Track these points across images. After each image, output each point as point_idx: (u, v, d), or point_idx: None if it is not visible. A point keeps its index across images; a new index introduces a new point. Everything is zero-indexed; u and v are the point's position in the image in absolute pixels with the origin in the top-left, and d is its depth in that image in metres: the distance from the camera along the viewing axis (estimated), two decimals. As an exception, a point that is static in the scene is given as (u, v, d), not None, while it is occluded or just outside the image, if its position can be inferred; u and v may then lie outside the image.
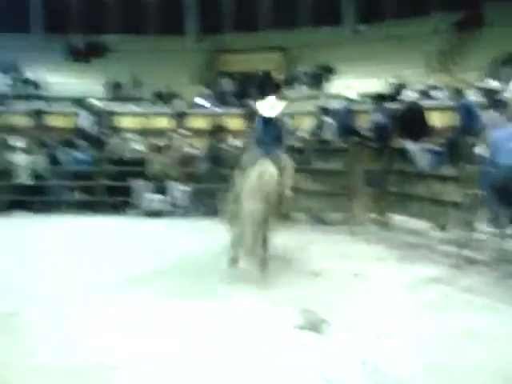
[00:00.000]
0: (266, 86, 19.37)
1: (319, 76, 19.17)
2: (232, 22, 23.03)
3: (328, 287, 5.26)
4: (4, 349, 3.71)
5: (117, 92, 20.14)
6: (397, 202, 7.97)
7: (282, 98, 18.29)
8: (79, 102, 16.46)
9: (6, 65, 20.49)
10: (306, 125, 9.97)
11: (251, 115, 9.42)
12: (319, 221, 8.87)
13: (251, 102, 18.06)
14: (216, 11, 23.21)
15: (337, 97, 12.27)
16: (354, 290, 5.18)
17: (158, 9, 23.53)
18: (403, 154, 7.95)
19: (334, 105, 10.47)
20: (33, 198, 10.23)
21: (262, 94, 18.64)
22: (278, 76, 20.01)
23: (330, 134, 9.13)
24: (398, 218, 8.08)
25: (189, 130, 14.05)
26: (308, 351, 3.75)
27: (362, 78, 17.74)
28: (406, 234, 7.69)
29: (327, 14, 22.04)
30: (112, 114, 17.82)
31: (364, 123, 9.48)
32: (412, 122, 8.00)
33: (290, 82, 19.59)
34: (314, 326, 4.19)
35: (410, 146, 7.88)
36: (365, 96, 13.33)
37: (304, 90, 19.03)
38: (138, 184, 10.73)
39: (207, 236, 7.46)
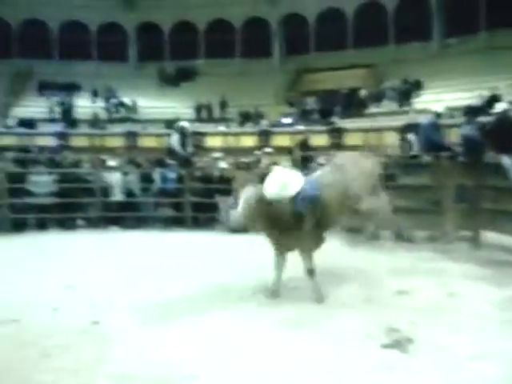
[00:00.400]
0: (351, 103, 19.29)
1: (407, 91, 18.77)
2: (316, 41, 23.16)
3: (414, 306, 5.06)
4: (89, 355, 3.87)
5: (205, 113, 20.88)
6: (489, 219, 7.56)
7: (365, 115, 18.19)
8: (169, 123, 17.28)
9: (105, 91, 21.94)
10: (390, 140, 9.75)
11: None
12: (405, 238, 8.59)
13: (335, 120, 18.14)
14: (300, 32, 23.47)
15: (424, 111, 11.93)
16: (442, 309, 4.94)
17: (245, 33, 24.19)
18: (497, 168, 7.55)
19: (421, 119, 10.17)
20: (125, 214, 10.76)
21: (347, 111, 18.69)
22: (364, 92, 19.79)
23: (414, 149, 8.87)
24: (490, 236, 7.64)
25: (273, 147, 14.25)
26: (394, 371, 3.62)
27: (452, 91, 17.16)
28: (499, 252, 7.26)
29: (415, 29, 21.59)
30: (200, 134, 18.54)
31: (454, 137, 9.14)
32: (505, 135, 7.59)
33: (376, 98, 19.34)
34: (401, 345, 4.04)
35: (505, 160, 7.47)
36: (454, 110, 12.87)
37: (391, 105, 18.71)
38: (223, 201, 10.97)
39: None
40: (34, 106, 21.26)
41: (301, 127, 18.00)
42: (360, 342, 4.11)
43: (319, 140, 16.57)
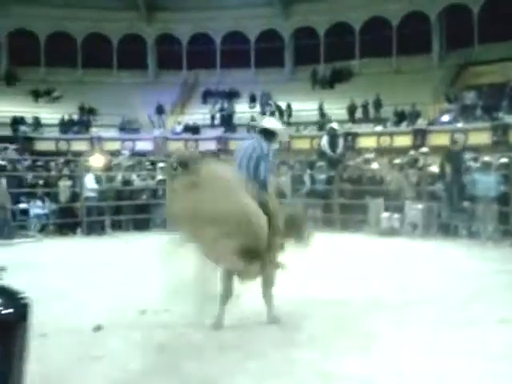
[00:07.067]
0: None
1: None
2: (481, 32, 21.46)
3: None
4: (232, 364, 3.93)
5: (360, 114, 20.61)
6: None
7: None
8: (321, 125, 17.43)
9: (262, 96, 22.82)
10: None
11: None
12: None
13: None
14: (462, 24, 21.96)
15: None
16: None
17: (402, 29, 23.35)
18: None
19: None
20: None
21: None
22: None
23: None
24: None
25: (430, 147, 13.61)
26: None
27: None
28: None
29: None
30: (353, 134, 18.39)
31: None
32: None
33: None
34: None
35: None
36: None
37: None
38: (374, 203, 10.78)
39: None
40: (198, 113, 22.89)
41: (460, 125, 16.93)
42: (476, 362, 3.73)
43: (480, 138, 15.45)
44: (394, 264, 7.32)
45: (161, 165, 12.37)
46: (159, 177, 11.67)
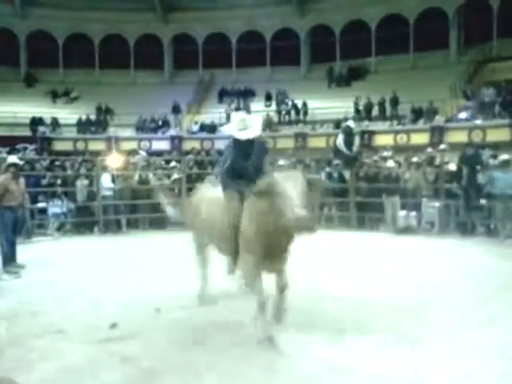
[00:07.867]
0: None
1: None
2: (500, 27, 21.09)
3: None
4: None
5: (376, 111, 20.45)
6: None
7: None
8: (338, 123, 17.33)
9: (278, 95, 22.78)
10: None
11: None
12: None
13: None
14: (481, 19, 21.64)
15: None
16: None
17: (419, 26, 23.09)
18: None
19: None
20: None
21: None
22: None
23: None
24: None
25: (448, 144, 13.47)
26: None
27: None
28: None
29: None
30: (369, 132, 18.27)
31: None
32: None
33: None
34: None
35: None
36: None
37: None
38: (391, 201, 10.69)
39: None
40: (214, 113, 22.88)
41: (478, 122, 16.69)
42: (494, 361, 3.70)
43: (499, 135, 15.25)
44: (412, 262, 7.27)
45: (173, 164, 12.49)
46: (175, 176, 11.75)
